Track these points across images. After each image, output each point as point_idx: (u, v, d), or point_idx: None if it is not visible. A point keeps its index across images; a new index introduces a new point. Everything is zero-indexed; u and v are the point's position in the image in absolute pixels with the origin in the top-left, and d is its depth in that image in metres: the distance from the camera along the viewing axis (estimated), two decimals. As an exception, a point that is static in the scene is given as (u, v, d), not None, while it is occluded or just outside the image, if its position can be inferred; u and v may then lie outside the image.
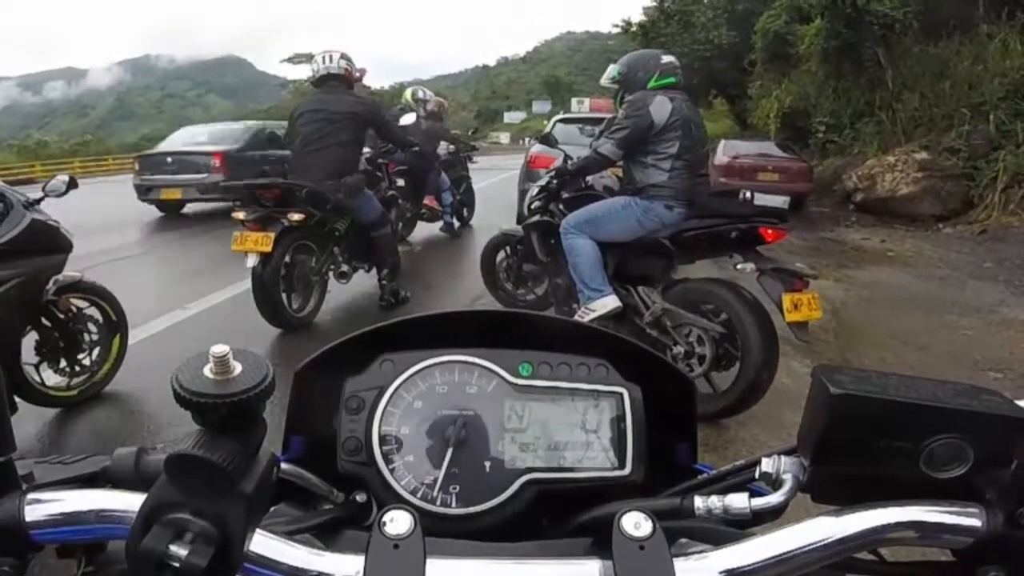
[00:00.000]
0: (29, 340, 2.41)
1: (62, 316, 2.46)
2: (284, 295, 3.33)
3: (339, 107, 3.52)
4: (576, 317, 2.65)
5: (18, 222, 2.14)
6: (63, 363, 2.51)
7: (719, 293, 2.44)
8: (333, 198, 3.39)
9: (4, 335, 2.19)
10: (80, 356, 2.56)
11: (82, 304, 2.54)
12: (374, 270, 3.92)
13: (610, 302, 2.64)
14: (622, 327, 2.66)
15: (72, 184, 2.50)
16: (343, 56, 3.67)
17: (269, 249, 3.14)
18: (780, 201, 2.46)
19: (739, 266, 2.48)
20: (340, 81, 3.66)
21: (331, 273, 3.70)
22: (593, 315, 2.63)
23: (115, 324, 2.65)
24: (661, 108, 2.56)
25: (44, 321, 2.42)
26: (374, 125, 3.75)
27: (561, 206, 2.96)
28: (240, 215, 3.25)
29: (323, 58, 3.68)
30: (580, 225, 2.70)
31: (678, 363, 2.46)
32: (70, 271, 2.42)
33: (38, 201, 2.35)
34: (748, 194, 2.70)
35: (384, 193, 4.35)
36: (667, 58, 2.79)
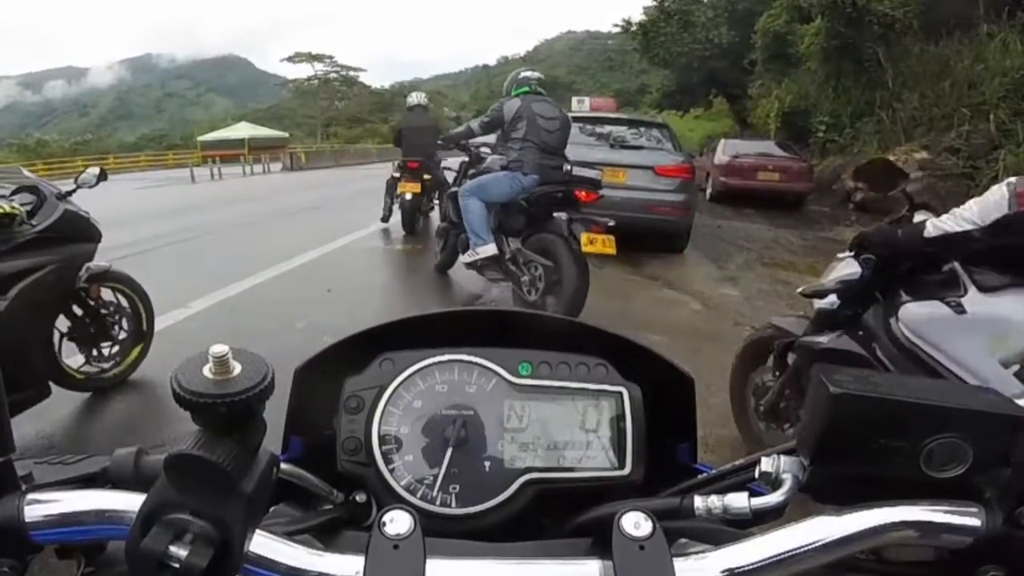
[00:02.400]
0: (56, 328, 2.47)
1: (92, 303, 2.57)
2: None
3: (423, 123, 6.63)
4: (465, 257, 3.82)
5: (53, 212, 2.26)
6: (94, 349, 2.62)
7: (552, 240, 3.41)
8: (434, 170, 6.42)
9: (41, 319, 2.29)
10: (109, 342, 2.67)
11: (110, 292, 2.65)
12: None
13: (490, 248, 3.60)
14: (497, 266, 3.69)
15: (102, 176, 2.67)
16: (427, 95, 7.45)
17: (419, 191, 6.30)
18: (593, 173, 3.72)
19: (556, 214, 3.46)
20: (424, 109, 6.99)
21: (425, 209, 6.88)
22: (478, 257, 3.65)
23: (141, 312, 2.76)
24: (511, 108, 3.73)
25: (75, 308, 2.52)
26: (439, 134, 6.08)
27: (468, 180, 3.91)
28: (397, 174, 6.57)
29: (415, 96, 7.14)
30: (472, 189, 3.69)
31: (526, 288, 3.52)
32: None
33: (70, 193, 2.46)
34: (568, 167, 3.66)
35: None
36: (525, 73, 4.04)
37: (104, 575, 0.37)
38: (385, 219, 7.08)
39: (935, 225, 1.43)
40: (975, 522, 0.33)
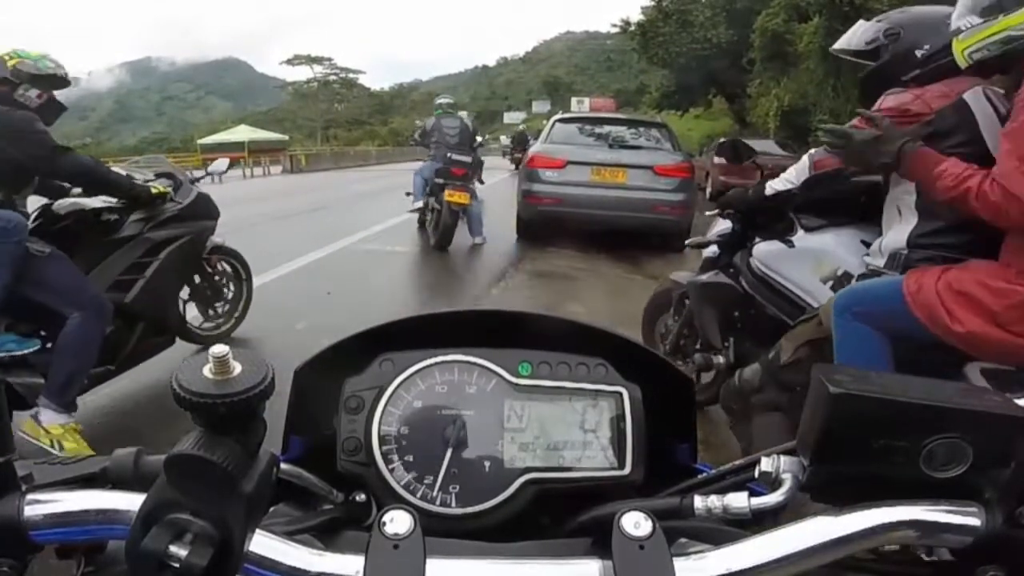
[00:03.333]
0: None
1: (210, 270, 3.09)
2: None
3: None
4: (408, 207, 6.71)
5: (189, 193, 2.76)
6: (208, 309, 3.16)
7: (441, 196, 5.84)
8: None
9: (178, 279, 2.80)
10: (221, 303, 3.23)
11: (222, 262, 3.19)
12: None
13: (419, 203, 6.53)
14: (423, 213, 6.50)
15: (231, 166, 3.37)
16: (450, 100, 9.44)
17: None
18: (466, 158, 5.93)
19: (437, 179, 5.93)
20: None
21: None
22: (414, 207, 6.62)
23: (244, 279, 3.33)
24: (429, 124, 6.61)
25: (197, 274, 3.02)
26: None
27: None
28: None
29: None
30: (417, 170, 6.60)
31: (430, 224, 6.19)
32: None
33: (199, 179, 2.98)
34: (449, 154, 5.97)
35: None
36: (439, 100, 6.91)
37: (104, 575, 0.37)
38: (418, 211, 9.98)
39: (770, 186, 1.86)
40: (975, 522, 0.33)
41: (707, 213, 2.28)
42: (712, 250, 2.19)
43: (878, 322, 1.39)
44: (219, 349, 0.30)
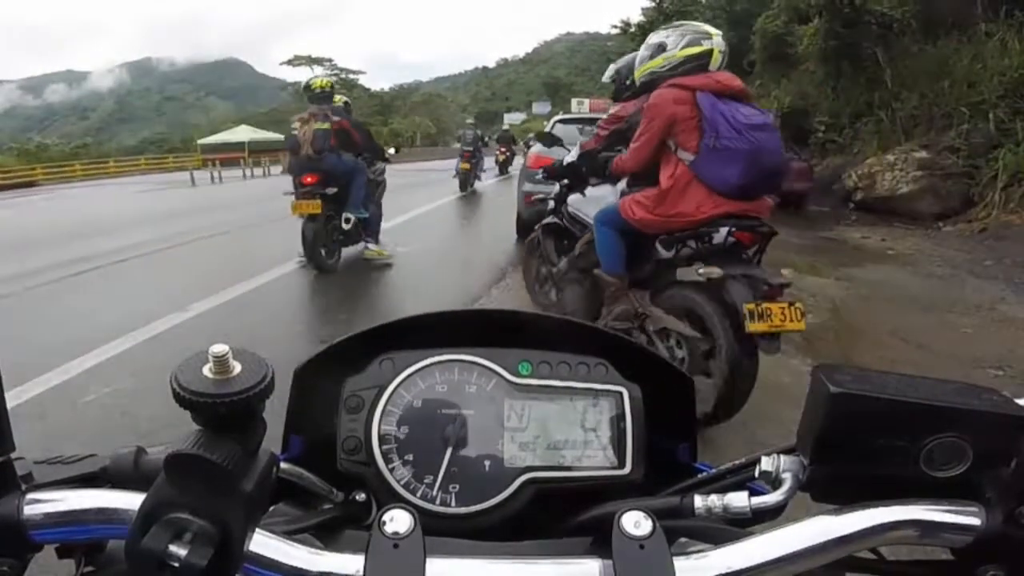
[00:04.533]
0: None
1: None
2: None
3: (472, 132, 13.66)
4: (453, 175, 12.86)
5: (383, 154, 5.75)
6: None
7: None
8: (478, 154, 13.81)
9: (378, 197, 5.83)
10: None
11: None
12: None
13: (454, 171, 12.98)
14: (456, 176, 12.48)
15: (398, 150, 6.66)
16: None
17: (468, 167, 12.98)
18: (471, 148, 12.22)
19: (458, 158, 12.84)
20: (474, 126, 14.64)
21: None
22: (454, 174, 12.84)
23: None
24: (460, 132, 14.46)
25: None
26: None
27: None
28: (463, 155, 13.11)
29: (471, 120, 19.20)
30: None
31: (460, 183, 12.04)
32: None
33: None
34: (462, 147, 12.65)
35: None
36: (468, 121, 19.06)
37: (104, 574, 0.37)
38: (456, 176, 12.87)
39: (565, 159, 3.07)
40: (975, 521, 0.33)
41: (536, 177, 3.48)
42: (550, 204, 3.32)
43: (612, 225, 2.52)
44: (218, 348, 0.30)
